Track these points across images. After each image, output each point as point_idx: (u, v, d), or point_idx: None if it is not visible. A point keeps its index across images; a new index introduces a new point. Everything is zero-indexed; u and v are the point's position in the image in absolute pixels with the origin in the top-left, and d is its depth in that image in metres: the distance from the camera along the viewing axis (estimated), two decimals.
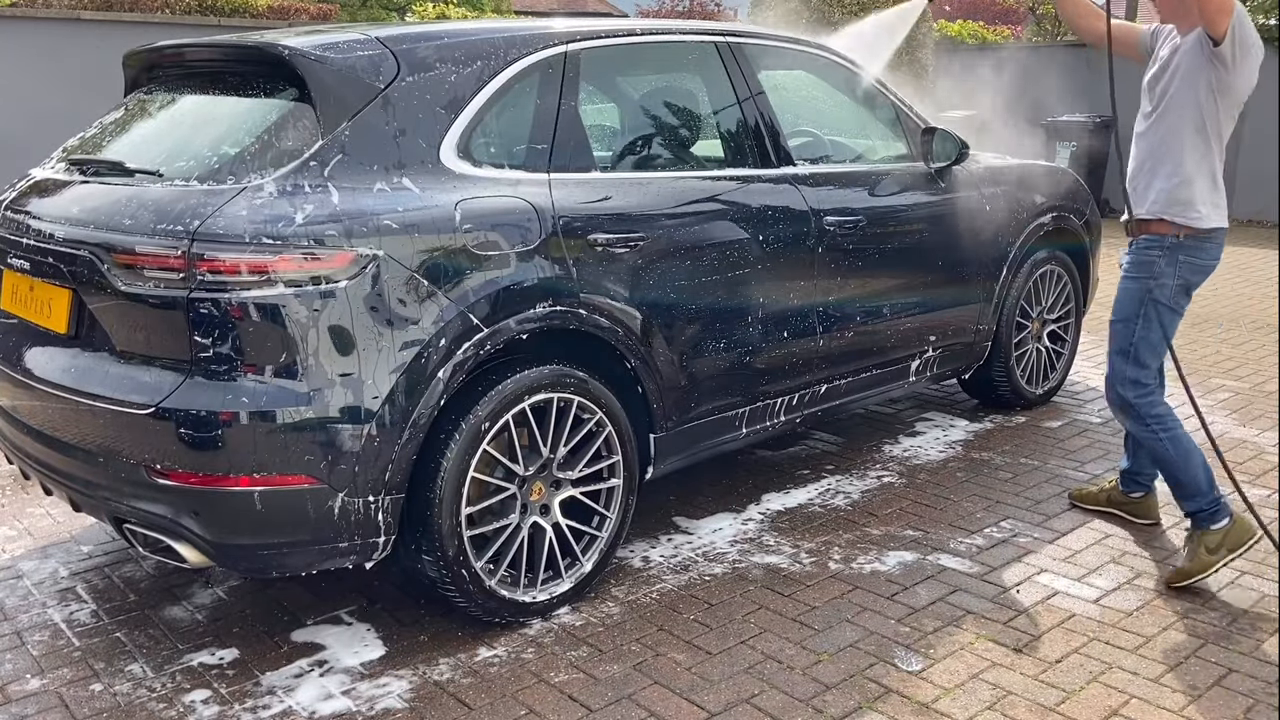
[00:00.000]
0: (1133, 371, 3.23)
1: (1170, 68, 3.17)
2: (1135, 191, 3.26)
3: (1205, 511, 3.20)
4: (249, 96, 2.97)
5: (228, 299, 2.51)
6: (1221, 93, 3.09)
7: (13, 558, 3.50)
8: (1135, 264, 3.24)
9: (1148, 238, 3.21)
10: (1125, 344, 3.24)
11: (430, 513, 2.78)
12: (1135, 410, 3.25)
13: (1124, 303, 3.26)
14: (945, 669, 2.78)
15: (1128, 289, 3.26)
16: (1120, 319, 3.26)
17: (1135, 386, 3.24)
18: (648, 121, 3.74)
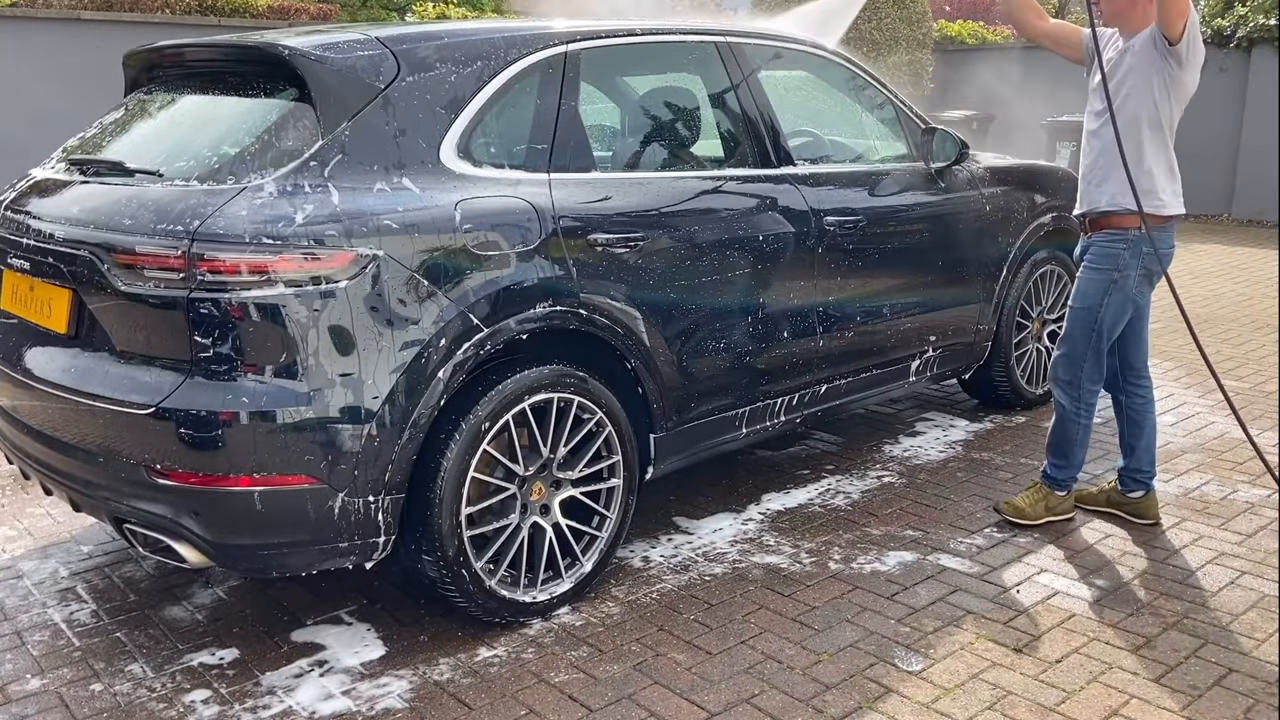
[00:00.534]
0: (1094, 360, 3.44)
1: (1123, 67, 3.30)
2: (1091, 186, 3.41)
3: (1064, 482, 3.61)
4: (249, 96, 2.97)
5: (228, 299, 2.51)
6: (1174, 89, 3.27)
7: (13, 558, 3.50)
8: (1100, 256, 3.40)
9: (1110, 232, 3.37)
10: (1089, 328, 3.42)
11: (430, 513, 2.78)
12: (1079, 391, 3.49)
13: (1088, 291, 3.42)
14: (945, 669, 2.78)
15: (1091, 279, 3.41)
16: (1084, 306, 3.43)
17: (1089, 369, 3.45)
18: (648, 121, 3.74)
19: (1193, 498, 3.89)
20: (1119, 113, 3.24)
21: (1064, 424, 3.55)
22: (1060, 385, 3.54)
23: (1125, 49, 3.32)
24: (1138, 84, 3.28)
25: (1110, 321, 3.42)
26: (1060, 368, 3.53)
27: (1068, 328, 3.51)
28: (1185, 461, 4.25)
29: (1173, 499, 3.87)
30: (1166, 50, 3.20)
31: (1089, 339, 3.44)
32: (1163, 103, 3.28)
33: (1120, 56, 3.33)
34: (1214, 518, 3.71)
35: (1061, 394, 3.54)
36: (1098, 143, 3.38)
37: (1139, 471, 3.63)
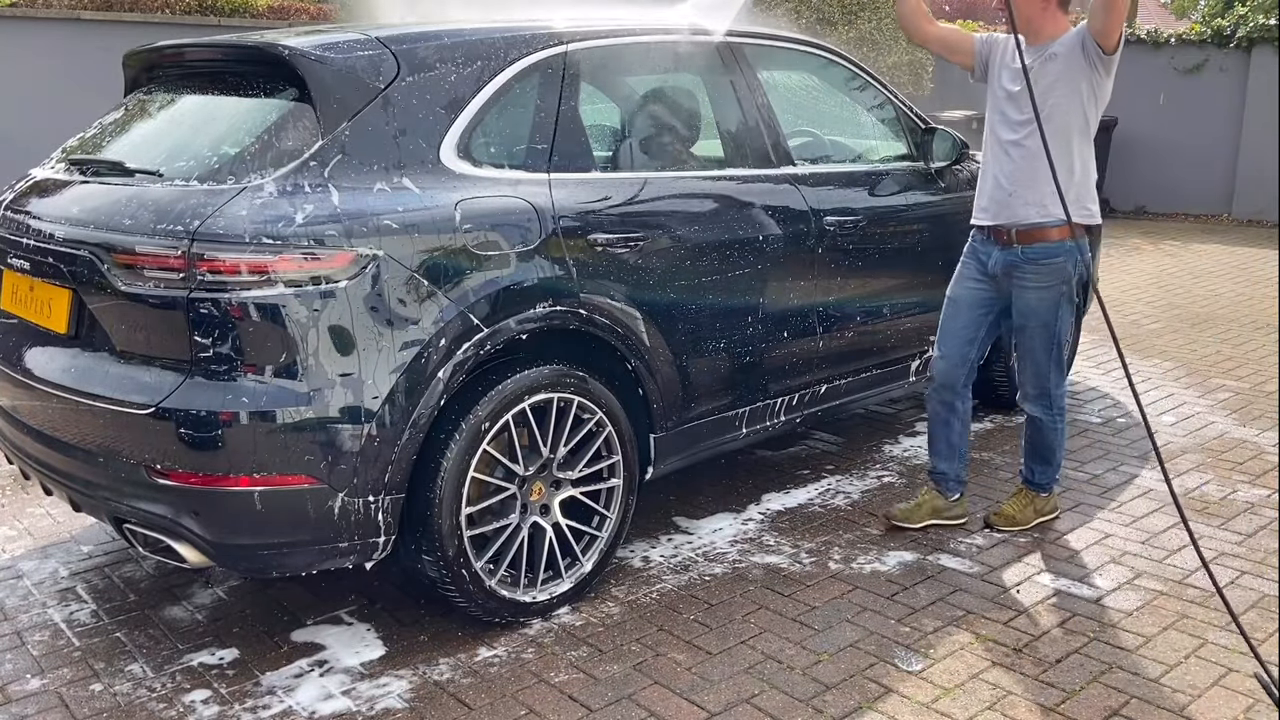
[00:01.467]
0: (1057, 369, 3.44)
1: (1048, 75, 3.20)
2: (1016, 198, 3.29)
3: (1048, 484, 3.62)
4: (249, 96, 2.97)
5: (228, 299, 2.51)
6: (1099, 96, 3.23)
7: (13, 558, 3.50)
8: (1047, 272, 3.30)
9: (1047, 246, 3.28)
10: (1050, 341, 3.39)
11: (430, 513, 2.78)
12: (1050, 400, 3.48)
13: (1041, 309, 3.35)
14: (945, 669, 2.78)
15: (1043, 297, 3.33)
16: (1042, 324, 3.36)
17: (1055, 378, 3.46)
18: (648, 121, 3.73)
19: (1193, 498, 3.89)
20: (1047, 123, 3.10)
21: (1043, 433, 3.53)
22: (1031, 400, 3.50)
23: (1047, 56, 3.22)
24: (1066, 92, 3.20)
25: (1065, 331, 3.39)
26: (1029, 385, 3.49)
27: (1027, 346, 3.44)
28: (1185, 461, 4.25)
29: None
30: (1098, 59, 3.16)
31: (1050, 353, 3.41)
32: (1090, 111, 3.24)
33: (1043, 64, 3.21)
34: (1214, 518, 3.71)
35: (1035, 408, 3.51)
36: (1021, 152, 3.26)
37: (961, 477, 3.61)
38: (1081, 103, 3.21)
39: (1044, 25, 3.25)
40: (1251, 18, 11.10)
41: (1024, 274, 3.34)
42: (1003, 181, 3.31)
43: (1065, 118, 3.20)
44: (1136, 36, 11.89)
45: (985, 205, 3.40)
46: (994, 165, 3.36)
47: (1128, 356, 5.81)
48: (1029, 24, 3.25)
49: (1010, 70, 3.28)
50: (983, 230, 3.43)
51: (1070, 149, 3.22)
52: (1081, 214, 3.26)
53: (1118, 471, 4.14)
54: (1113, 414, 4.86)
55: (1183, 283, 8.02)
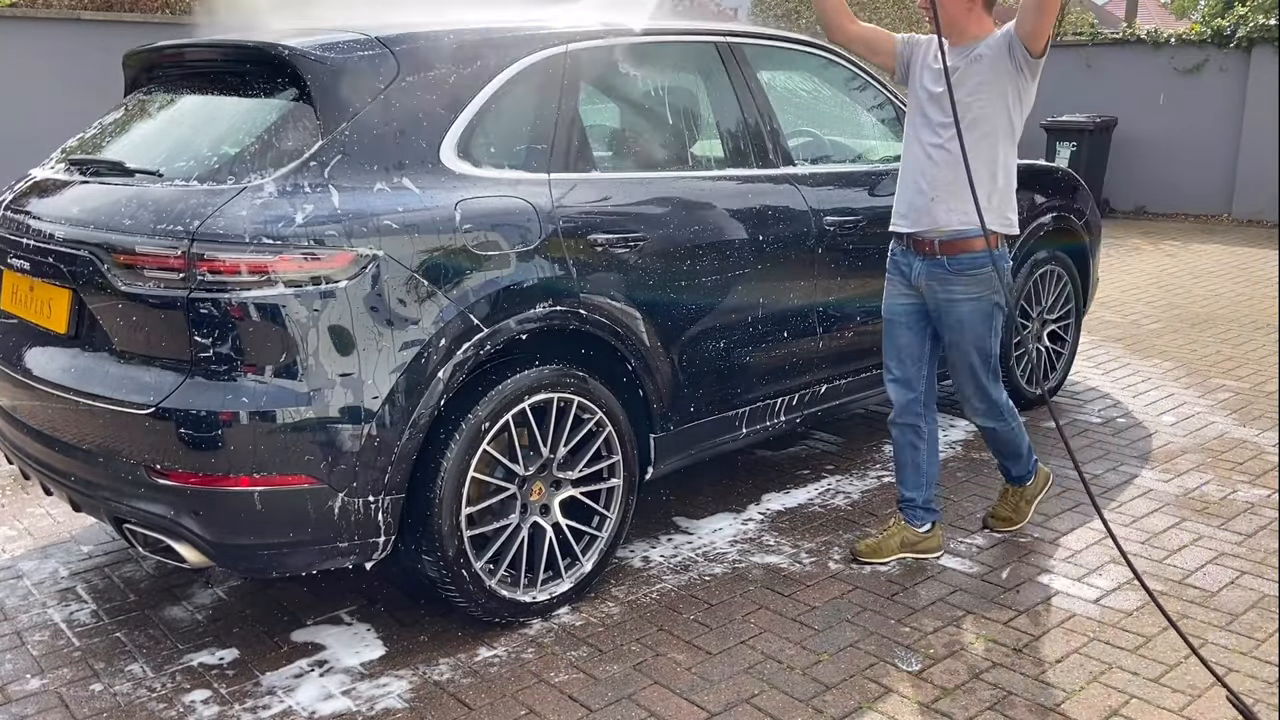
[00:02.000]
0: (994, 379, 3.31)
1: (973, 78, 3.08)
2: (939, 204, 3.14)
3: (1028, 474, 3.54)
4: (249, 96, 2.97)
5: (228, 299, 2.51)
6: (1025, 101, 3.13)
7: (13, 558, 3.50)
8: (975, 284, 3.16)
9: (973, 256, 3.14)
10: (985, 352, 3.25)
11: (430, 513, 2.78)
12: (999, 409, 3.36)
13: (973, 322, 3.20)
14: (945, 669, 2.78)
15: (972, 310, 3.18)
16: (975, 336, 3.21)
17: (998, 385, 3.33)
18: (648, 121, 3.73)
19: (1193, 498, 3.89)
20: (973, 127, 3.04)
21: (1004, 438, 3.42)
22: (981, 415, 3.37)
23: (973, 58, 3.09)
24: (992, 96, 3.08)
25: (997, 337, 3.27)
26: (975, 401, 3.34)
27: (963, 362, 3.27)
28: (1185, 461, 4.25)
29: (1173, 499, 3.88)
30: (1025, 62, 3.05)
31: (988, 365, 3.27)
32: (1015, 115, 3.12)
33: (968, 66, 3.08)
34: (1214, 518, 3.71)
35: (985, 419, 3.37)
36: (944, 156, 3.10)
37: (933, 500, 3.44)
38: (1007, 106, 3.10)
39: (969, 26, 3.13)
40: (1251, 18, 11.10)
41: (952, 287, 3.18)
42: (924, 186, 3.17)
43: (991, 122, 3.09)
44: (1136, 36, 11.89)
45: (905, 211, 3.25)
46: (914, 169, 3.21)
47: (1128, 357, 5.84)
48: (954, 24, 3.12)
49: (932, 71, 3.15)
50: (902, 240, 3.29)
51: (995, 154, 3.11)
52: (1001, 223, 3.16)
53: (1118, 471, 4.15)
54: (1113, 414, 4.86)
55: (1183, 283, 8.02)
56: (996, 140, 3.11)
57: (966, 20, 3.13)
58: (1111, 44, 12.07)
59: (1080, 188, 5.00)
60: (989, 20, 3.17)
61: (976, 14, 3.13)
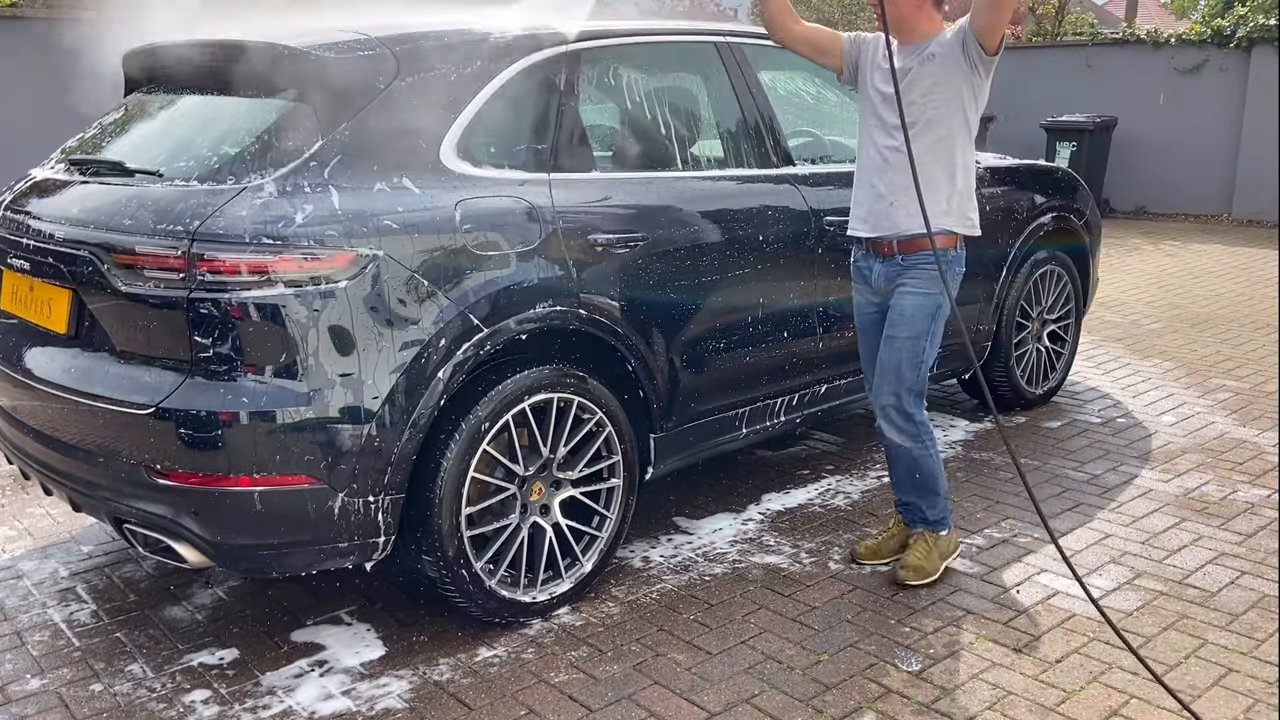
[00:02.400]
0: (919, 386, 3.16)
1: (927, 78, 3.00)
2: (898, 208, 3.05)
3: (945, 518, 3.30)
4: (249, 96, 2.96)
5: (228, 299, 2.51)
6: (979, 99, 3.05)
7: (13, 558, 3.50)
8: (924, 279, 3.08)
9: (929, 253, 3.02)
10: (917, 358, 3.11)
11: (430, 513, 2.78)
12: (916, 426, 3.18)
13: (915, 319, 3.10)
14: (945, 669, 2.78)
15: (919, 305, 3.09)
16: (912, 335, 3.10)
17: (919, 400, 3.18)
18: (648, 121, 3.73)
19: (1193, 498, 3.89)
20: (929, 128, 2.99)
21: (917, 463, 3.21)
22: (897, 427, 3.19)
23: (925, 57, 3.01)
24: (948, 96, 3.00)
25: (933, 347, 3.14)
26: (893, 409, 3.18)
27: (892, 361, 3.14)
28: (1185, 461, 4.25)
29: (1173, 499, 3.88)
30: (980, 59, 2.98)
31: (918, 369, 3.13)
32: (971, 114, 3.05)
33: (921, 65, 3.01)
34: (1214, 518, 3.71)
35: (900, 435, 3.19)
36: (902, 159, 2.98)
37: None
38: (963, 106, 3.02)
39: (919, 23, 3.04)
40: (1251, 18, 11.10)
41: (904, 280, 3.11)
42: (882, 190, 3.08)
43: (947, 122, 3.01)
44: (1136, 36, 11.90)
45: (864, 216, 3.16)
46: (871, 173, 3.12)
47: (1128, 357, 5.84)
48: (904, 22, 3.03)
49: (883, 71, 3.05)
50: (862, 244, 3.22)
51: (953, 155, 3.04)
52: (964, 224, 3.10)
53: (1118, 471, 4.15)
54: (1113, 414, 4.86)
55: (1183, 283, 8.02)
56: (954, 141, 3.04)
57: (916, 18, 3.04)
58: (1111, 44, 12.07)
59: (1080, 188, 5.01)
60: (939, 17, 3.09)
61: (926, 11, 3.05)
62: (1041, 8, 15.90)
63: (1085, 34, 13.18)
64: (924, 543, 3.27)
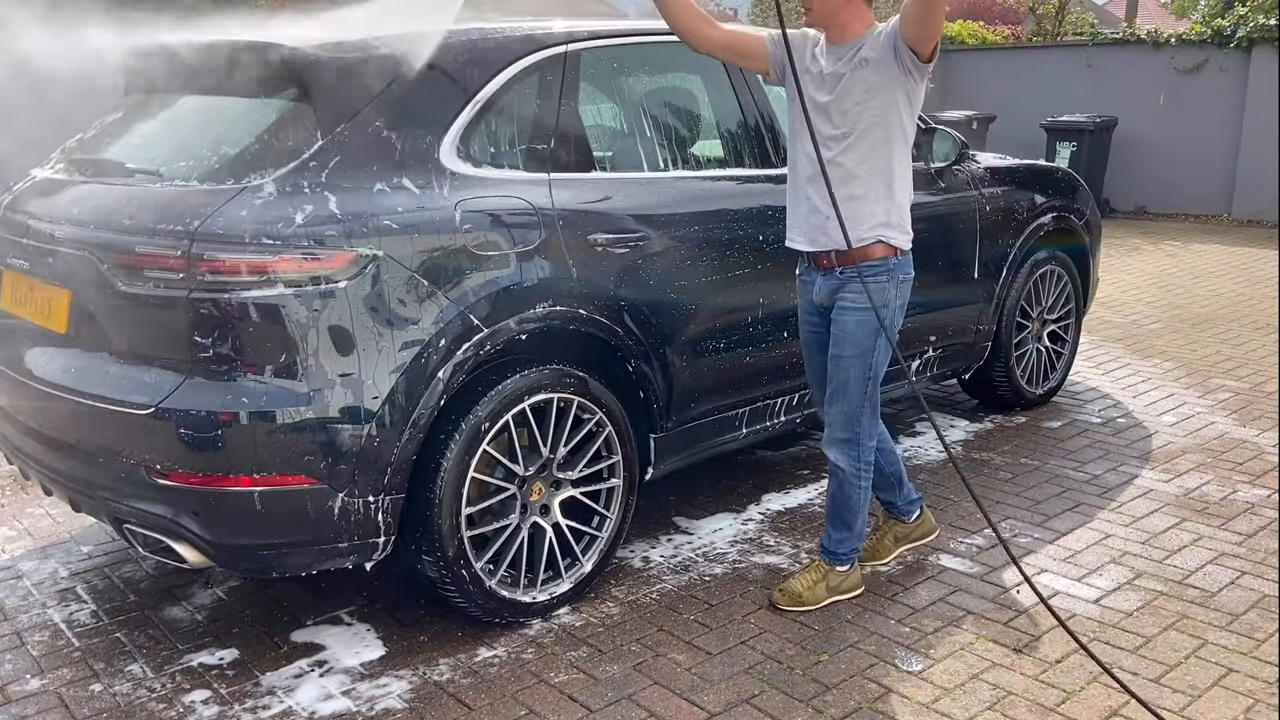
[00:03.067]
0: (870, 412, 3.05)
1: (860, 83, 2.85)
2: (833, 222, 2.87)
3: (847, 555, 3.15)
4: (249, 96, 2.96)
5: (227, 299, 2.51)
6: (915, 103, 2.92)
7: (13, 558, 3.50)
8: (862, 294, 2.93)
9: (870, 264, 2.92)
10: (865, 375, 3.00)
11: (430, 513, 2.78)
12: (858, 450, 3.07)
13: (858, 335, 2.96)
14: (945, 669, 2.78)
15: (859, 321, 2.95)
16: (857, 354, 2.97)
17: (868, 424, 3.06)
18: (648, 122, 3.74)
19: (1193, 498, 3.89)
20: (864, 137, 2.86)
21: (844, 489, 3.09)
22: (838, 446, 3.07)
23: (859, 62, 2.85)
24: (883, 104, 2.85)
25: (880, 363, 3.01)
26: (838, 426, 3.06)
27: (839, 379, 3.02)
28: (1185, 461, 4.25)
29: (1173, 499, 3.88)
30: (913, 65, 2.82)
31: (865, 388, 3.00)
32: (908, 122, 2.91)
33: (854, 72, 2.85)
34: (1214, 518, 3.71)
35: (840, 455, 3.08)
36: (842, 169, 2.88)
37: (911, 493, 3.38)
38: (899, 112, 2.87)
39: (850, 20, 2.87)
40: (1251, 18, 11.10)
41: (844, 295, 2.98)
42: (818, 204, 2.92)
43: (883, 129, 2.86)
44: (1136, 36, 11.90)
45: (802, 229, 3.02)
46: (806, 184, 2.96)
47: (1128, 357, 5.84)
48: (835, 18, 2.89)
49: (814, 77, 2.91)
50: (803, 256, 3.09)
51: (890, 164, 2.89)
52: (903, 235, 2.97)
53: (1118, 471, 4.15)
54: (1113, 414, 4.86)
55: (1183, 283, 8.02)
56: (890, 149, 2.89)
57: (847, 13, 2.87)
58: (1111, 44, 12.07)
59: (1080, 188, 5.01)
60: (869, 13, 2.92)
61: (856, 7, 2.88)
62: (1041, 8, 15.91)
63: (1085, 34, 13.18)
64: (815, 572, 3.14)
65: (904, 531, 3.41)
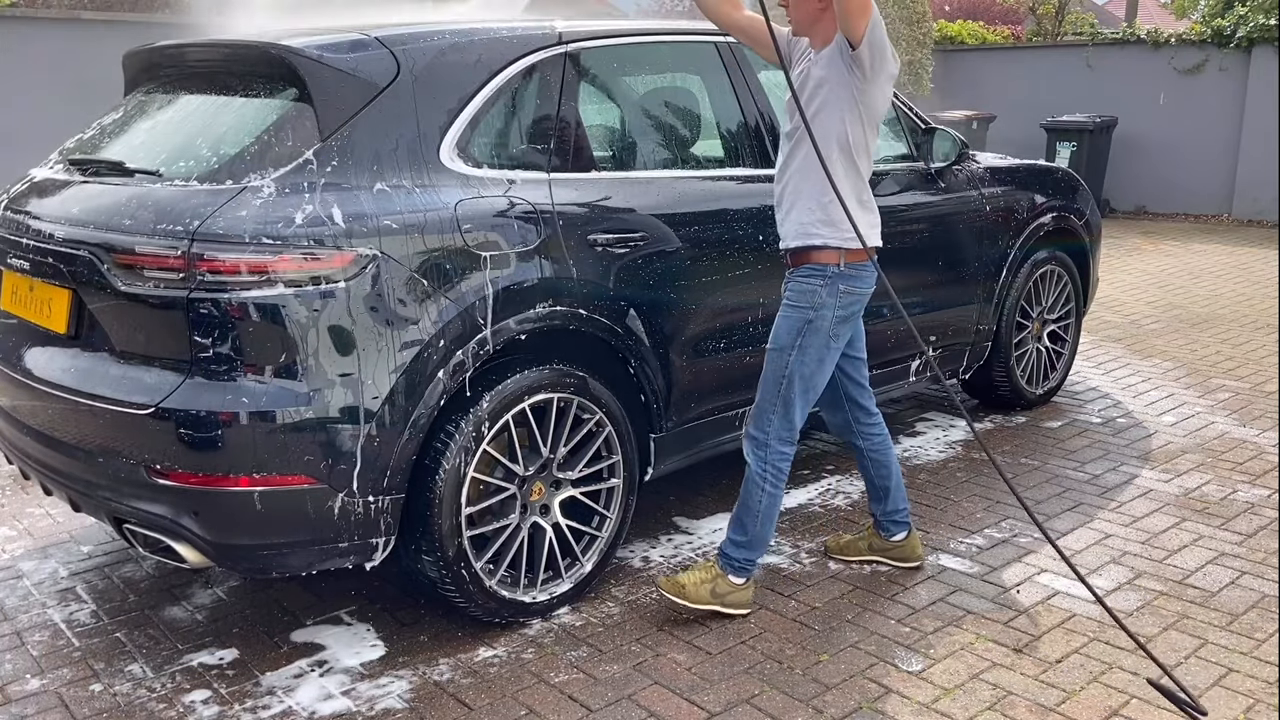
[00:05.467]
0: (782, 413, 2.96)
1: (811, 81, 2.88)
2: (786, 218, 2.96)
3: (743, 565, 3.04)
4: (249, 96, 2.96)
5: (227, 299, 2.51)
6: (864, 105, 2.86)
7: (13, 558, 3.50)
8: (796, 293, 2.95)
9: (809, 267, 2.92)
10: (779, 374, 2.95)
11: (430, 513, 2.78)
12: (765, 451, 2.98)
13: (780, 332, 2.97)
14: (945, 669, 2.78)
15: (787, 317, 2.96)
16: (776, 348, 2.97)
17: (779, 425, 2.97)
18: (648, 121, 3.74)
19: (1193, 498, 3.89)
20: (805, 136, 2.85)
21: (748, 487, 3.00)
22: (748, 440, 3.02)
23: (813, 60, 2.89)
24: (828, 101, 2.84)
25: (803, 369, 2.93)
26: (750, 422, 3.02)
27: (763, 373, 3.00)
28: (1185, 461, 4.25)
29: (1173, 499, 3.88)
30: (851, 60, 2.79)
31: (778, 386, 2.94)
32: (852, 124, 2.86)
33: (808, 69, 2.89)
34: (1214, 518, 3.71)
35: (749, 450, 3.01)
36: (789, 169, 2.93)
37: (896, 512, 3.28)
38: (842, 113, 2.84)
39: (827, 27, 2.87)
40: (1251, 18, 11.10)
41: (787, 294, 3.00)
42: (778, 198, 3.00)
43: (825, 130, 2.84)
44: (1136, 36, 11.90)
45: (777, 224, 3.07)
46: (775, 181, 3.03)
47: (1128, 357, 5.84)
48: (812, 26, 2.91)
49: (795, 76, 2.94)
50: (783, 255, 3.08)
51: (829, 164, 2.83)
52: (841, 236, 2.90)
53: (1118, 471, 4.15)
54: (1113, 414, 4.86)
55: (1183, 283, 8.02)
56: (829, 152, 2.83)
57: (823, 20, 2.88)
58: (1111, 44, 12.08)
59: (1080, 188, 5.01)
60: None
61: (831, 13, 2.84)
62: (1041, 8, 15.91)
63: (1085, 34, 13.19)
64: (706, 571, 3.04)
65: (881, 545, 3.35)
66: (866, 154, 2.94)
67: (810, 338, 2.93)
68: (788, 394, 2.96)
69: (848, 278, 2.93)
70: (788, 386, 2.95)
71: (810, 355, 2.93)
